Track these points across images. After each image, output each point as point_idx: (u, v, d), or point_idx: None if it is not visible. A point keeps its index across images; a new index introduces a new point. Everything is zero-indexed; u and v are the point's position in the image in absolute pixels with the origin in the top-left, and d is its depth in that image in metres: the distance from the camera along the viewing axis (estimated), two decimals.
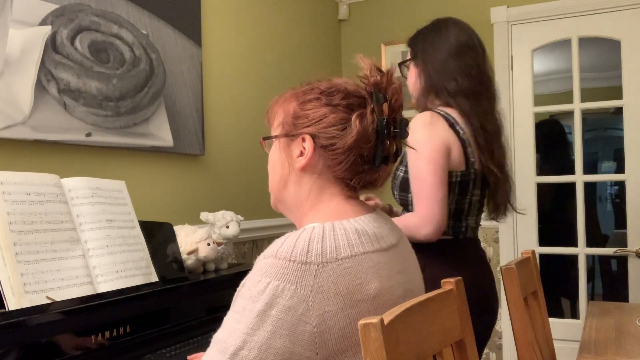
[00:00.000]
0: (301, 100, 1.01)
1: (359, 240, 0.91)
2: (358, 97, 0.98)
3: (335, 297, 0.85)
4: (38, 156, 1.63)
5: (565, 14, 3.00)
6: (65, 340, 1.17)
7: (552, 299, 2.82)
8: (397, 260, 0.98)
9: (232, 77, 2.49)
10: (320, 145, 0.97)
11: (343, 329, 0.85)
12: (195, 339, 1.47)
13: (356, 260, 0.89)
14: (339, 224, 0.92)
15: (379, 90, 0.98)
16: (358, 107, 0.97)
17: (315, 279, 0.84)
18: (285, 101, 1.04)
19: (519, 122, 3.10)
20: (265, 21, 2.74)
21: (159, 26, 2.05)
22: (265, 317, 0.83)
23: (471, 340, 1.09)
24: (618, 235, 3.42)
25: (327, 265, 0.86)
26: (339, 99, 0.97)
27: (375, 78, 0.98)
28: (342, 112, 0.96)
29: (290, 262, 0.85)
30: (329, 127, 0.96)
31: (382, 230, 0.98)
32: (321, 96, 0.99)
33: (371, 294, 0.88)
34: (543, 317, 1.89)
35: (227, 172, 2.42)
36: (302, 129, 0.99)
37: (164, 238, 1.65)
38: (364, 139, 0.95)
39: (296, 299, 0.83)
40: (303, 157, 0.99)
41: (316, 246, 0.86)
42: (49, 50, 1.64)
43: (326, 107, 0.97)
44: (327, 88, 0.99)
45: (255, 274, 0.87)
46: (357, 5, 3.47)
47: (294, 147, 1.01)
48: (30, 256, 1.22)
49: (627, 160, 2.91)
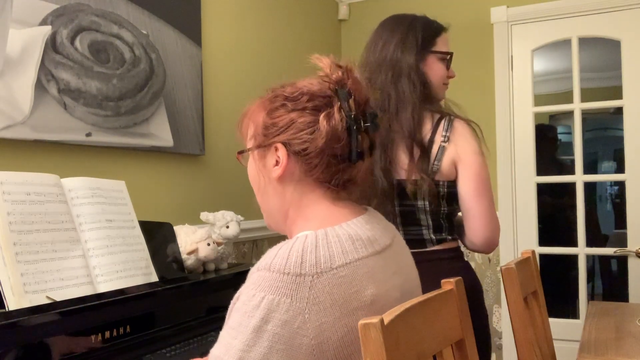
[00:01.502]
0: (268, 109, 0.99)
1: (353, 246, 0.90)
2: (324, 97, 0.96)
3: (332, 308, 0.83)
4: (38, 156, 1.63)
5: (565, 14, 3.00)
6: (65, 340, 1.17)
7: (552, 299, 2.82)
8: (392, 261, 0.97)
9: (232, 77, 2.49)
10: (293, 151, 0.96)
11: (341, 338, 0.84)
12: (195, 339, 1.47)
13: (351, 268, 0.87)
14: (332, 231, 0.90)
15: (342, 86, 0.96)
16: (325, 107, 0.95)
17: (311, 291, 0.83)
18: (254, 112, 1.02)
19: (519, 122, 3.10)
20: (265, 21, 2.74)
21: (159, 26, 2.05)
22: (262, 332, 0.81)
23: (471, 340, 1.09)
24: (618, 235, 3.43)
25: (322, 275, 0.84)
26: (305, 102, 0.96)
27: (336, 75, 0.97)
28: (310, 115, 0.95)
29: (284, 275, 0.83)
30: (298, 133, 0.95)
31: (375, 232, 0.96)
32: (286, 102, 0.97)
33: (368, 301, 0.87)
34: (543, 317, 1.89)
35: (227, 172, 2.42)
36: (273, 138, 0.97)
37: (164, 238, 1.65)
38: (334, 139, 0.94)
39: (292, 312, 0.82)
40: (279, 167, 0.97)
41: (310, 256, 0.85)
42: (49, 50, 1.64)
43: (293, 112, 0.96)
44: (291, 93, 0.97)
45: (249, 287, 0.86)
46: (357, 5, 3.47)
47: (268, 157, 0.99)
48: (30, 256, 1.22)
49: (627, 160, 2.91)
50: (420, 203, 1.52)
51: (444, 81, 1.65)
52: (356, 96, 0.96)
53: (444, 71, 1.63)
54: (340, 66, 0.98)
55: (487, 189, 1.51)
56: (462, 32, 3.16)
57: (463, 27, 3.16)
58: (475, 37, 3.15)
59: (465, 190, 1.51)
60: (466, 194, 1.51)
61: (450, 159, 1.51)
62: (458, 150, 1.50)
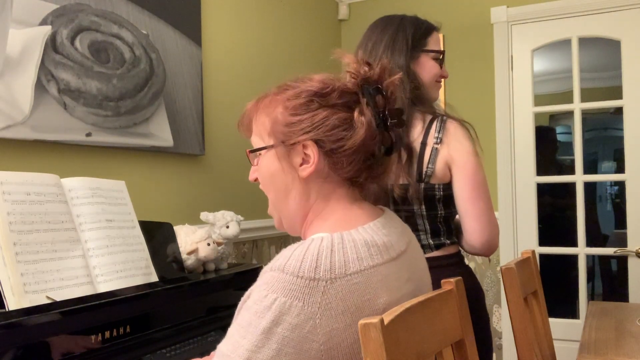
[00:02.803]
0: (291, 105, 0.95)
1: (368, 252, 0.88)
2: (351, 94, 0.95)
3: (344, 314, 0.82)
4: (38, 156, 1.63)
5: (565, 14, 3.00)
6: (65, 340, 1.17)
7: (552, 299, 2.82)
8: (406, 268, 0.95)
9: (232, 77, 2.49)
10: (326, 149, 0.94)
11: (351, 345, 0.83)
12: (195, 339, 1.47)
13: (365, 275, 0.86)
14: (348, 235, 0.89)
15: (369, 83, 0.95)
16: (355, 104, 0.94)
17: (324, 296, 0.82)
18: (267, 107, 0.99)
19: (519, 122, 3.10)
20: (265, 21, 2.74)
21: (159, 26, 2.05)
22: (271, 334, 0.80)
23: (471, 340, 1.09)
24: (618, 235, 3.42)
25: (335, 281, 0.83)
26: (336, 98, 0.94)
27: (364, 71, 0.95)
28: (343, 111, 0.93)
29: (298, 278, 0.82)
30: (333, 130, 0.93)
31: (391, 238, 0.94)
32: (315, 98, 0.94)
33: (380, 309, 0.86)
34: (543, 317, 1.89)
35: (227, 172, 2.42)
36: (301, 136, 0.94)
37: (164, 238, 1.65)
38: (370, 135, 0.93)
39: (303, 317, 0.81)
40: (309, 165, 0.95)
41: (324, 261, 0.83)
42: (49, 50, 1.64)
43: (324, 109, 0.94)
44: (321, 89, 0.95)
45: (261, 287, 0.84)
46: (357, 5, 3.47)
47: (293, 156, 0.96)
48: (30, 256, 1.22)
49: (627, 160, 2.91)
50: (417, 207, 1.50)
51: (437, 79, 1.62)
52: (388, 94, 0.95)
53: (437, 69, 1.60)
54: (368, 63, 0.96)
55: (483, 190, 1.48)
56: (462, 32, 3.16)
57: (463, 27, 3.16)
58: (475, 37, 3.15)
59: (460, 193, 1.48)
60: (461, 196, 1.48)
61: (443, 161, 1.48)
62: (451, 152, 1.47)
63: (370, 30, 1.63)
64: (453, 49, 3.13)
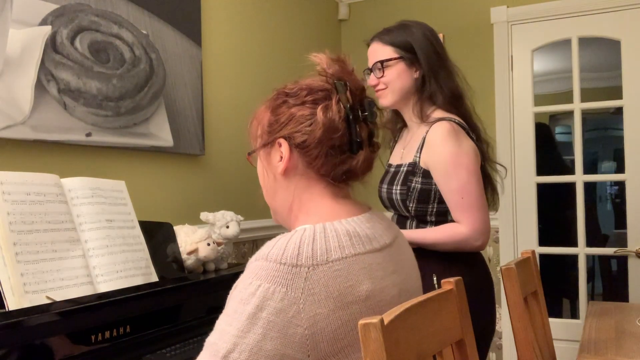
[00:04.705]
0: (272, 108, 1.02)
1: (350, 242, 0.91)
2: (323, 91, 0.99)
3: (327, 300, 0.85)
4: (38, 156, 1.63)
5: (565, 14, 3.00)
6: (65, 340, 1.17)
7: (552, 299, 2.82)
8: (392, 260, 0.98)
9: (232, 77, 2.49)
10: (295, 145, 0.99)
11: (335, 331, 0.85)
12: (195, 339, 1.47)
13: (347, 262, 0.89)
14: (330, 226, 0.92)
15: (339, 79, 0.99)
16: (323, 100, 0.98)
17: (306, 282, 0.84)
18: (260, 114, 1.06)
19: (519, 122, 3.10)
20: (265, 21, 2.74)
21: (159, 26, 2.05)
22: (256, 319, 0.83)
23: (471, 340, 1.09)
24: (618, 235, 3.43)
25: (317, 267, 0.86)
26: (304, 96, 0.99)
27: (333, 68, 1.00)
28: (308, 108, 0.98)
29: (281, 265, 0.85)
30: (298, 126, 0.98)
31: (375, 231, 0.98)
32: (287, 98, 1.01)
33: (362, 296, 0.88)
34: (543, 317, 1.89)
35: (227, 172, 2.42)
36: (275, 135, 1.00)
37: (164, 238, 1.65)
38: (331, 129, 0.96)
39: (287, 302, 0.83)
40: (282, 162, 1.00)
41: (306, 249, 0.87)
42: (49, 50, 1.64)
43: (294, 107, 0.99)
44: (291, 89, 1.01)
45: (246, 276, 0.88)
46: (357, 5, 3.47)
47: (273, 154, 1.02)
48: (30, 256, 1.22)
49: (627, 160, 2.91)
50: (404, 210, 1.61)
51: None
52: (351, 86, 0.99)
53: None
54: (335, 60, 1.01)
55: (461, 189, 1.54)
56: (462, 32, 3.16)
57: (463, 27, 3.16)
58: (475, 37, 3.15)
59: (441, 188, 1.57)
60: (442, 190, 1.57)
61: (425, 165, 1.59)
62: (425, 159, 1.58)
63: (431, 34, 1.69)
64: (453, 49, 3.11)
